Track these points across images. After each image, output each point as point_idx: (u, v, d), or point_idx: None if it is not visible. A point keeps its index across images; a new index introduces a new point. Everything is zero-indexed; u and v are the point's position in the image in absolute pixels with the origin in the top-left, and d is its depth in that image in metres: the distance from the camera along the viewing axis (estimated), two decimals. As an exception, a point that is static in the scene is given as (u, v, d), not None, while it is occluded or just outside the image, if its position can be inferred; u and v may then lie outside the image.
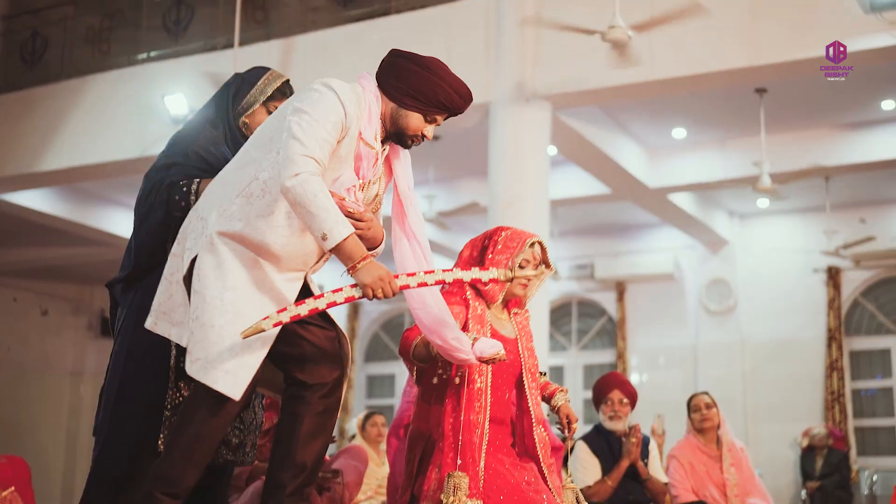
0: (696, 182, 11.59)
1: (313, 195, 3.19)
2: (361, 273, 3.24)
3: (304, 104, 3.34)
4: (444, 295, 4.23)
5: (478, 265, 4.27)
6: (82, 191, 12.61)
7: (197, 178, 3.91)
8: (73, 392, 15.78)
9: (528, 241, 4.27)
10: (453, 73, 3.61)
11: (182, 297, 3.46)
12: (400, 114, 3.55)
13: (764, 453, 12.79)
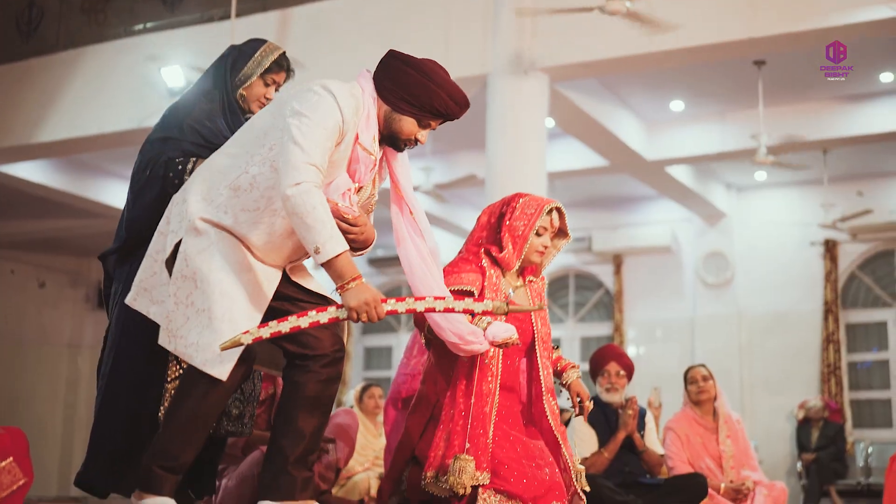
0: (694, 155, 11.58)
1: (312, 207, 3.19)
2: (349, 295, 3.23)
3: (304, 107, 3.32)
4: (459, 262, 4.25)
5: (495, 232, 4.29)
6: (79, 162, 12.58)
7: (192, 153, 3.91)
8: (70, 364, 15.80)
9: (546, 207, 4.26)
10: (450, 79, 3.58)
11: (164, 276, 3.48)
12: (393, 117, 3.53)
13: (760, 425, 12.84)
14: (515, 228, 4.24)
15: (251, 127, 3.50)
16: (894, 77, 10.18)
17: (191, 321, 3.30)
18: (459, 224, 14.05)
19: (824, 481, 11.74)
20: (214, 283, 3.31)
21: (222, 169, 3.44)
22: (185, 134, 3.95)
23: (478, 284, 4.18)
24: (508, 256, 4.23)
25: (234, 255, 3.38)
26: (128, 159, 12.04)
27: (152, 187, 3.88)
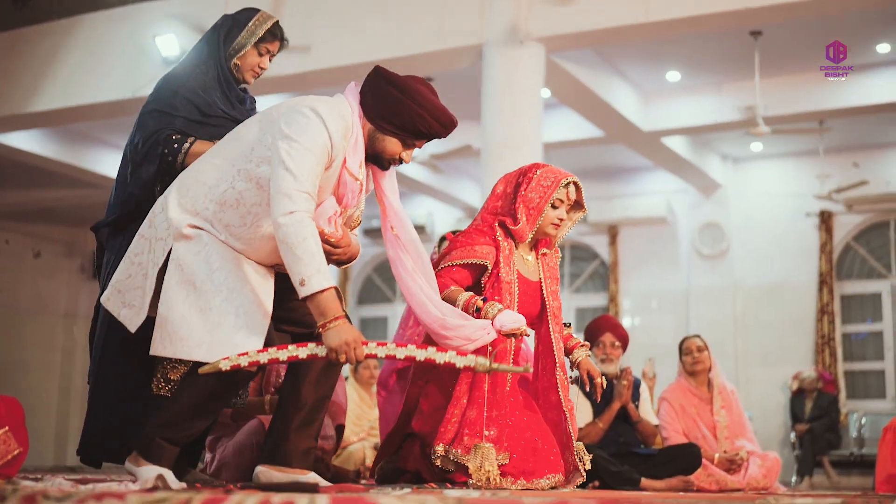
0: (690, 125, 11.56)
1: (303, 238, 3.18)
2: (330, 334, 3.20)
3: (292, 130, 3.29)
4: (473, 233, 4.24)
5: (510, 202, 4.30)
6: (74, 132, 12.55)
7: (188, 130, 3.90)
8: (66, 334, 15.81)
9: (562, 180, 4.28)
10: (436, 99, 3.53)
11: (140, 280, 3.45)
12: (377, 137, 3.50)
13: (754, 396, 12.88)
14: (531, 200, 4.24)
15: (238, 138, 3.46)
16: (891, 48, 10.15)
17: (193, 323, 3.28)
18: (455, 195, 14.05)
19: (818, 452, 11.79)
20: (219, 282, 3.31)
21: (208, 182, 3.41)
22: (178, 106, 3.94)
23: (491, 258, 4.18)
24: (522, 228, 4.23)
25: (229, 254, 3.38)
26: (123, 129, 12.06)
27: (150, 164, 3.88)
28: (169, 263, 3.35)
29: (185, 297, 3.30)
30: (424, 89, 3.51)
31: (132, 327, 3.45)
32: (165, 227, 3.39)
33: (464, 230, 4.37)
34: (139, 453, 3.39)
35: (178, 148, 3.87)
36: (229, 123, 4.04)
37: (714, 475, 6.10)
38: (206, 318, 3.28)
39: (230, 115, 4.04)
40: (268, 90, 10.03)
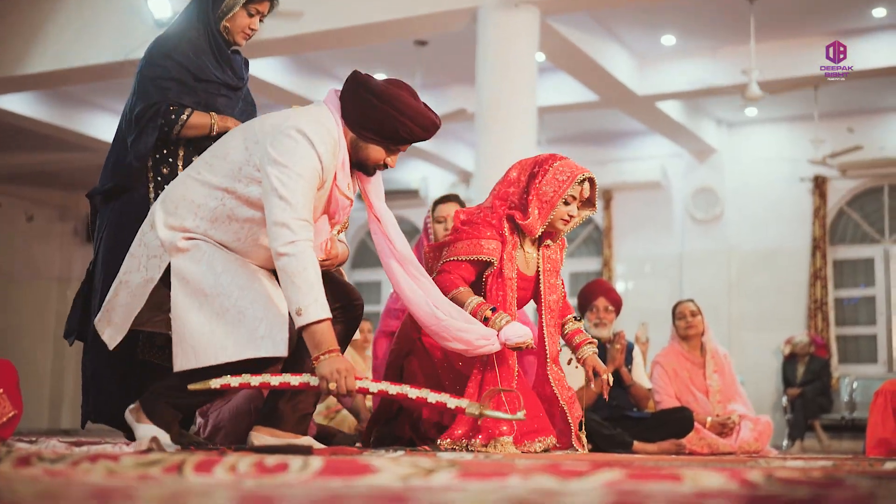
0: (685, 90, 11.52)
1: (303, 268, 3.16)
2: (323, 364, 3.19)
3: (281, 155, 3.25)
4: (482, 223, 4.19)
5: (523, 192, 4.23)
6: (66, 95, 12.49)
7: (182, 97, 3.88)
8: (60, 297, 15.80)
9: (578, 176, 4.18)
10: (417, 102, 3.47)
11: (125, 297, 3.44)
12: (360, 145, 3.47)
13: (747, 361, 12.92)
14: (544, 193, 4.17)
15: (224, 155, 3.41)
16: (887, 12, 10.11)
17: (213, 329, 3.27)
18: (449, 158, 14.02)
19: (809, 416, 11.86)
20: (228, 283, 3.30)
21: (197, 200, 3.39)
22: (172, 72, 3.92)
23: (497, 254, 4.14)
24: (533, 223, 4.17)
25: (230, 255, 3.38)
26: (115, 92, 12.01)
27: (149, 136, 3.86)
28: (172, 280, 3.33)
29: (199, 307, 3.29)
30: (404, 94, 3.46)
31: (111, 345, 3.45)
32: (158, 245, 3.37)
33: (471, 216, 4.30)
34: (142, 408, 3.41)
35: (176, 119, 3.87)
36: (222, 88, 4.02)
37: (706, 438, 6.13)
38: (225, 320, 3.27)
39: (222, 80, 4.02)
40: (262, 53, 9.98)
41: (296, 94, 11.50)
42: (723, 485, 1.64)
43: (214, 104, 4.00)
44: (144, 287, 3.40)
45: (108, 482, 1.64)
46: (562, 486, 1.62)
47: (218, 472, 1.80)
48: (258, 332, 3.24)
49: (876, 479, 1.74)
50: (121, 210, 3.89)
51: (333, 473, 1.77)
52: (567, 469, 1.75)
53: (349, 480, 1.71)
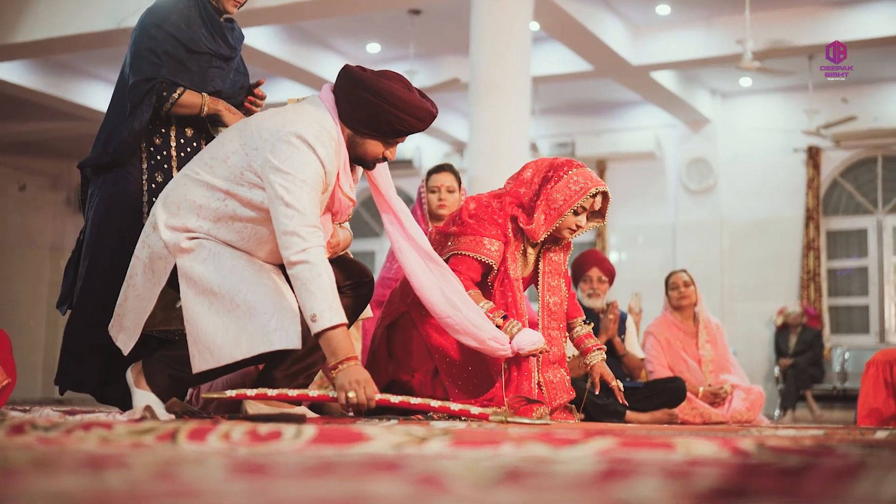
0: (680, 60, 11.50)
1: (317, 275, 3.13)
2: (341, 375, 3.14)
3: (283, 163, 3.21)
4: (487, 220, 4.14)
5: (534, 194, 4.16)
6: (59, 63, 12.43)
7: (175, 73, 3.87)
8: (53, 267, 15.78)
9: (592, 189, 4.11)
10: (411, 94, 3.41)
11: (134, 302, 3.43)
12: (357, 141, 3.43)
13: (740, 331, 12.96)
14: (554, 200, 4.11)
15: (224, 158, 3.37)
16: (882, -18, 10.09)
17: (226, 327, 3.26)
18: (443, 128, 13.99)
19: (801, 386, 11.91)
20: (236, 280, 3.29)
21: (198, 201, 3.36)
22: (164, 43, 3.90)
23: (498, 255, 4.11)
24: (536, 228, 4.12)
25: (235, 252, 3.37)
26: (108, 60, 11.97)
27: (144, 113, 3.85)
28: (179, 280, 3.32)
29: (209, 306, 3.28)
30: (398, 87, 3.39)
31: (125, 350, 3.43)
32: (162, 247, 3.36)
33: (479, 209, 4.22)
34: (144, 371, 3.42)
35: (167, 97, 3.86)
36: (214, 59, 4.00)
37: (698, 408, 6.15)
38: (236, 317, 3.26)
39: (214, 51, 4.00)
40: (255, 22, 9.93)
41: (289, 63, 11.47)
42: (714, 453, 1.65)
43: (206, 76, 3.98)
44: (152, 290, 3.39)
45: (102, 450, 1.64)
46: (554, 455, 1.63)
47: (211, 440, 1.80)
48: (270, 326, 3.23)
49: (866, 447, 1.75)
50: (113, 181, 3.88)
51: (326, 441, 1.77)
52: (559, 437, 1.76)
53: (342, 448, 1.72)
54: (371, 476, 1.30)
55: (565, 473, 1.32)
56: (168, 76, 3.88)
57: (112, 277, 3.73)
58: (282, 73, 11.92)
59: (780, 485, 1.22)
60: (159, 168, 3.93)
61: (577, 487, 1.19)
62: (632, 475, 1.28)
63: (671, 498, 1.06)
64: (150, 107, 3.84)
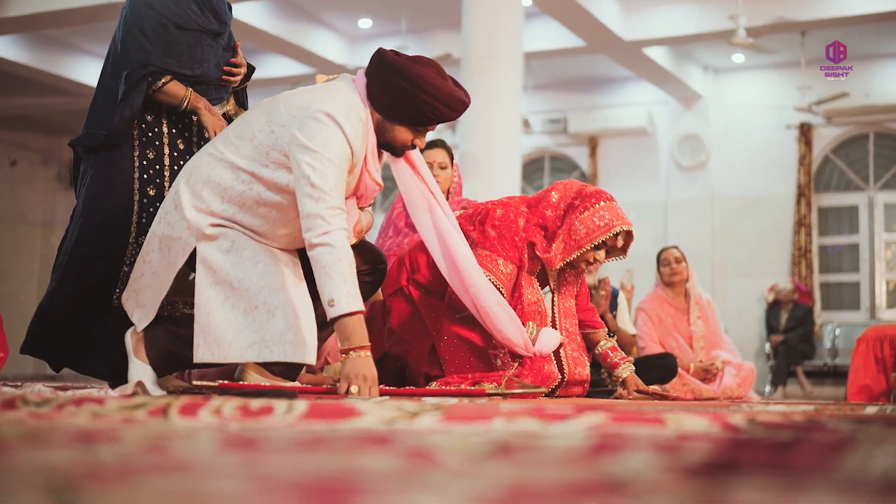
0: (672, 35, 11.48)
1: (336, 259, 3.09)
2: (350, 363, 3.11)
3: (311, 140, 3.16)
4: (509, 243, 4.08)
5: (557, 220, 4.10)
6: (49, 38, 12.37)
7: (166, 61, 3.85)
8: (44, 242, 15.76)
9: (617, 227, 4.06)
10: (444, 82, 3.34)
11: (150, 279, 3.40)
12: (386, 126, 3.37)
13: (731, 307, 12.99)
14: (576, 231, 4.04)
15: (251, 137, 3.33)
16: (875, -42, 10.07)
17: (239, 324, 3.24)
18: (435, 104, 13.94)
19: (792, 362, 11.95)
20: (257, 279, 3.26)
21: (224, 183, 3.32)
22: (153, 20, 3.88)
23: (508, 281, 4.06)
24: (553, 257, 4.06)
25: (259, 246, 3.33)
26: (99, 35, 11.91)
27: (135, 100, 3.83)
28: (198, 266, 3.28)
29: (224, 299, 3.25)
30: (432, 74, 3.33)
31: (140, 326, 3.40)
32: (184, 227, 3.32)
33: (504, 222, 4.13)
34: (145, 341, 3.41)
35: (154, 81, 3.85)
36: (204, 36, 3.98)
37: (689, 384, 6.17)
38: (254, 318, 3.23)
39: (204, 27, 3.98)
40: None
41: (280, 38, 11.43)
42: (705, 428, 1.66)
43: (196, 54, 3.96)
44: (168, 269, 3.36)
45: (93, 425, 1.64)
46: (545, 429, 1.63)
47: (203, 415, 1.81)
48: (287, 336, 3.20)
49: (856, 422, 1.76)
50: (105, 160, 3.87)
51: (318, 417, 1.77)
52: (551, 412, 1.76)
53: (333, 424, 1.72)
54: (362, 450, 1.30)
55: (556, 448, 1.33)
56: (159, 60, 3.86)
57: (99, 255, 3.74)
58: (273, 49, 11.88)
59: (771, 459, 1.23)
60: (150, 145, 3.91)
61: (567, 461, 1.19)
62: (622, 449, 1.28)
63: (661, 471, 1.06)
64: (141, 93, 3.83)
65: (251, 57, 4.06)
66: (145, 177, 3.85)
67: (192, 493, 0.87)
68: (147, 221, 3.77)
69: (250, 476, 0.99)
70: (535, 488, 0.95)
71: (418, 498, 0.88)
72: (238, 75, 4.14)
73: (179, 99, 3.88)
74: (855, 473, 1.06)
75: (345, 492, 0.90)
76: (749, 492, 0.92)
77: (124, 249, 3.78)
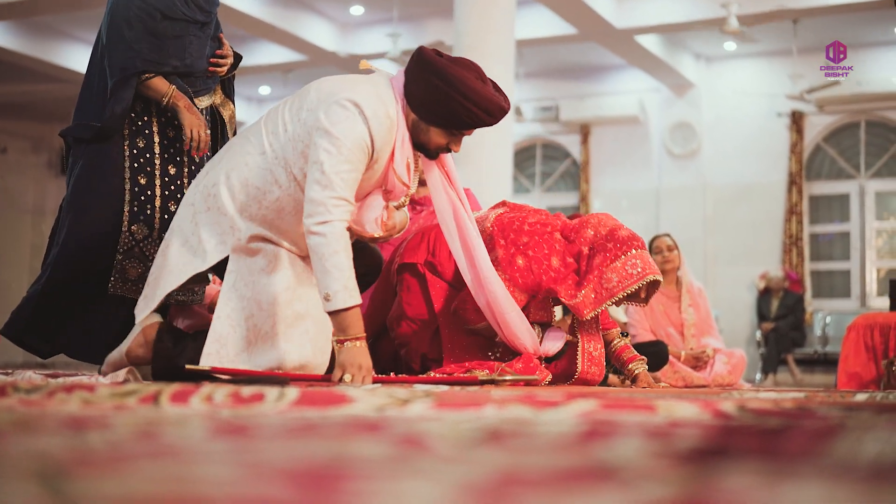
0: (664, 23, 11.46)
1: (333, 251, 3.07)
2: (346, 352, 3.10)
3: (333, 126, 3.13)
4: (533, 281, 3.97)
5: (587, 258, 4.00)
6: (39, 24, 12.32)
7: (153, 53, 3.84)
8: (34, 230, 15.72)
9: (648, 277, 3.96)
10: (483, 86, 3.25)
11: (160, 272, 3.37)
12: (421, 128, 3.30)
13: (722, 295, 13.01)
14: (608, 280, 3.94)
15: (284, 130, 3.29)
16: (867, -54, 10.07)
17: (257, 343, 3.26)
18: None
19: (782, 350, 11.98)
20: (284, 303, 3.27)
21: (258, 183, 3.29)
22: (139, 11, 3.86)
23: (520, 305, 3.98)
24: (582, 304, 3.93)
25: (290, 270, 3.33)
26: (90, 22, 11.86)
27: (125, 97, 3.82)
28: (227, 276, 3.29)
29: (249, 316, 3.26)
30: (471, 77, 3.26)
31: (138, 317, 3.40)
32: (228, 226, 3.30)
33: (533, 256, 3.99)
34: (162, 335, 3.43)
35: (137, 80, 3.84)
36: (190, 26, 3.97)
37: (680, 372, 6.18)
38: (273, 343, 3.24)
39: (190, 17, 3.97)
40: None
41: (271, 25, 11.39)
42: (696, 415, 1.66)
43: (183, 45, 3.94)
44: (184, 269, 3.34)
45: (84, 412, 1.64)
46: (536, 416, 1.64)
47: (194, 402, 1.81)
48: (302, 353, 3.26)
49: (846, 409, 1.76)
50: (95, 151, 3.87)
51: (309, 404, 1.78)
52: (542, 400, 1.76)
53: (325, 410, 1.72)
54: (353, 437, 1.30)
55: (547, 434, 1.33)
56: (147, 56, 3.85)
57: (91, 245, 3.75)
58: (264, 35, 11.85)
59: (761, 445, 1.23)
60: (140, 134, 3.91)
61: (558, 448, 1.19)
62: (613, 436, 1.29)
63: (652, 457, 1.07)
64: (131, 89, 3.83)
65: (242, 43, 4.05)
66: (136, 166, 3.85)
67: (182, 479, 0.87)
68: (139, 210, 3.77)
69: (241, 462, 0.99)
70: (526, 474, 0.95)
71: (409, 484, 0.88)
72: (225, 66, 4.13)
73: (161, 94, 3.88)
74: (844, 459, 1.07)
75: (336, 478, 0.90)
76: (739, 477, 0.92)
77: (117, 238, 3.78)
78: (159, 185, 3.88)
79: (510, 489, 0.87)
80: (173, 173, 3.92)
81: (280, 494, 0.81)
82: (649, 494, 0.83)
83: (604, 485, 0.89)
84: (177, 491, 0.81)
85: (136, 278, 3.79)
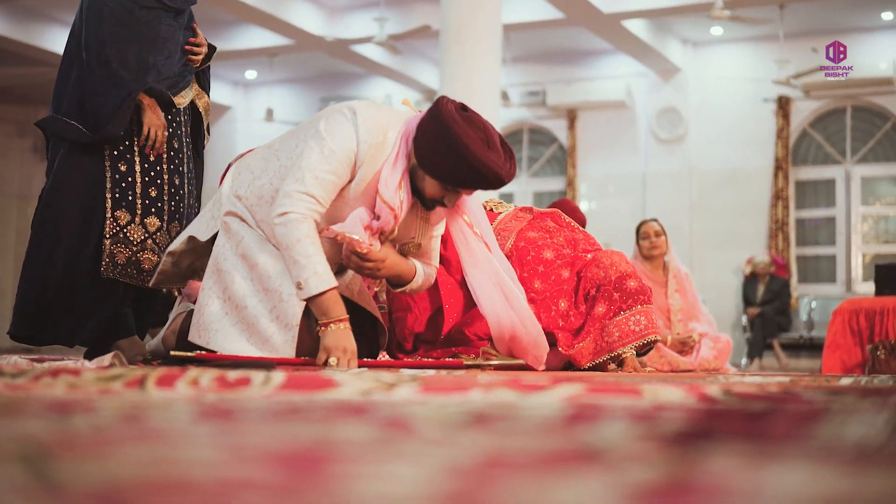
0: (651, 8, 11.47)
1: (296, 240, 3.05)
2: (330, 335, 3.08)
3: (327, 130, 3.15)
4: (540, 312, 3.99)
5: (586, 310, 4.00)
6: (23, 8, 12.26)
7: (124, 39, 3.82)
8: (20, 215, 15.67)
9: (650, 337, 3.98)
10: (487, 151, 3.12)
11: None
12: (418, 174, 3.22)
13: (708, 280, 13.05)
14: (610, 333, 3.97)
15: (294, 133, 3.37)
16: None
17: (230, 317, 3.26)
18: (413, 76, 13.92)
19: (768, 334, 12.03)
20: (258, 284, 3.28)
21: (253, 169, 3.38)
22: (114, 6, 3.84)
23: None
24: (579, 354, 3.96)
25: (266, 246, 3.32)
26: (74, 5, 11.78)
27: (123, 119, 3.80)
28: (214, 248, 3.34)
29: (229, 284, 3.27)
30: (475, 139, 3.12)
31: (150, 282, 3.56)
32: (218, 207, 3.41)
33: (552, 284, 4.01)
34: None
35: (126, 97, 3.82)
36: (164, 16, 3.95)
37: (666, 356, 6.19)
38: (243, 316, 3.25)
39: (164, 5, 3.94)
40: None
41: (256, 8, 11.34)
42: (681, 399, 1.67)
43: (158, 35, 3.92)
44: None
45: (69, 396, 1.64)
46: (521, 400, 1.64)
47: (180, 386, 1.80)
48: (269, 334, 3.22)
49: (831, 393, 1.77)
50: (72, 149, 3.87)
51: (295, 388, 1.78)
52: (527, 384, 1.77)
53: (310, 394, 1.72)
54: (339, 421, 1.30)
55: (532, 418, 1.33)
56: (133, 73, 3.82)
57: (74, 231, 3.76)
58: (250, 19, 11.81)
59: (746, 428, 1.24)
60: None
61: (543, 431, 1.19)
62: (598, 419, 1.29)
63: (637, 440, 1.07)
64: (129, 111, 3.81)
65: (228, 28, 4.03)
66: (115, 153, 3.84)
67: (167, 462, 0.87)
68: (120, 196, 3.79)
69: (227, 445, 0.99)
70: (512, 458, 0.95)
71: (394, 466, 0.88)
72: (199, 55, 4.11)
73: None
74: (829, 442, 1.07)
75: (321, 460, 0.90)
76: (724, 460, 0.93)
77: (102, 224, 3.79)
78: (139, 172, 3.87)
79: (495, 472, 0.87)
80: (153, 160, 3.91)
81: (265, 477, 0.81)
82: (635, 477, 0.84)
83: (589, 467, 0.89)
84: (162, 474, 0.81)
85: (125, 263, 3.80)
